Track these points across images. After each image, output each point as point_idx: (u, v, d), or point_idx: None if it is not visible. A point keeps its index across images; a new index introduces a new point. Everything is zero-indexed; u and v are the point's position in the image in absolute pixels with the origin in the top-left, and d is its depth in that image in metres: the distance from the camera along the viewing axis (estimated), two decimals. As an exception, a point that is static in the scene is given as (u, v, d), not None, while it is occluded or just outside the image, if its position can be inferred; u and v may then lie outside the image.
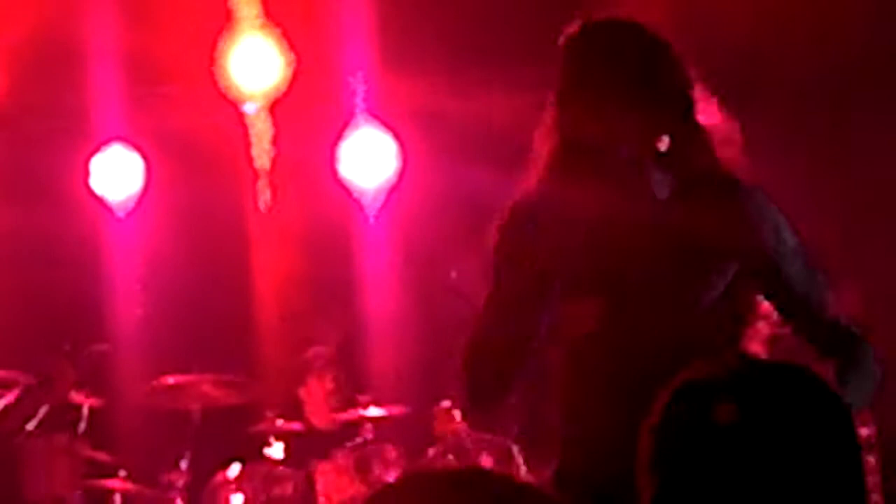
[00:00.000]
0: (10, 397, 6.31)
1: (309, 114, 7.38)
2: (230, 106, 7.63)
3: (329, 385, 6.79)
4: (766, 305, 4.18)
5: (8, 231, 7.31)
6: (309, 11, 7.15)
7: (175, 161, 7.60)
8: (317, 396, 6.85)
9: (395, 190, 7.38)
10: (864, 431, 6.50)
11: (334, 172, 7.27)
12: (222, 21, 7.34)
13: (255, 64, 7.47)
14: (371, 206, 7.38)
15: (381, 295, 7.16)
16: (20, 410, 6.32)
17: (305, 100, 7.46)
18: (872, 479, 6.39)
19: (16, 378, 6.44)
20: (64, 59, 7.15)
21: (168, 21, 6.97)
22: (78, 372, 6.55)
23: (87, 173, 7.58)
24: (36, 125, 7.51)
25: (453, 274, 6.68)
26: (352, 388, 6.78)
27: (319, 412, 6.81)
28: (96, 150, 7.56)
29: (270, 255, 7.30)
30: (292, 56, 7.41)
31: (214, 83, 7.50)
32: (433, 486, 1.77)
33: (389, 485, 2.01)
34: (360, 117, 7.23)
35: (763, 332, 4.43)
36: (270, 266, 7.27)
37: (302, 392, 6.90)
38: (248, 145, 7.55)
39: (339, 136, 7.35)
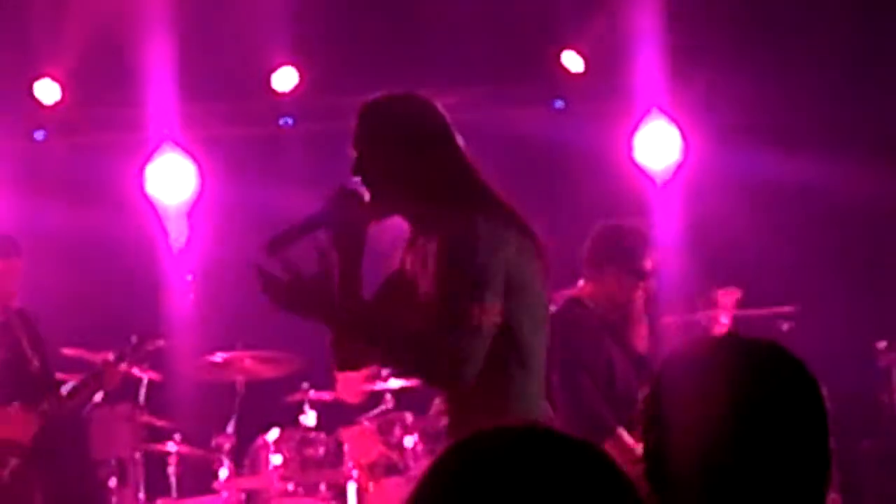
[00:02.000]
0: (73, 383, 6.40)
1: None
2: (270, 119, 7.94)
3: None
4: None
5: (77, 228, 7.62)
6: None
7: (221, 165, 7.87)
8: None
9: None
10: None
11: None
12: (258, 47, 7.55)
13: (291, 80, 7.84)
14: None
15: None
16: (82, 394, 6.39)
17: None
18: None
19: (85, 357, 6.62)
20: (124, 77, 7.49)
21: (216, 44, 7.27)
22: (134, 361, 6.56)
23: (142, 178, 7.88)
24: (99, 135, 7.98)
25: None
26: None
27: (348, 385, 6.70)
28: (151, 156, 7.87)
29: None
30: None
31: (257, 98, 7.81)
32: (503, 443, 1.54)
33: (461, 442, 1.56)
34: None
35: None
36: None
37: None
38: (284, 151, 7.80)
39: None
